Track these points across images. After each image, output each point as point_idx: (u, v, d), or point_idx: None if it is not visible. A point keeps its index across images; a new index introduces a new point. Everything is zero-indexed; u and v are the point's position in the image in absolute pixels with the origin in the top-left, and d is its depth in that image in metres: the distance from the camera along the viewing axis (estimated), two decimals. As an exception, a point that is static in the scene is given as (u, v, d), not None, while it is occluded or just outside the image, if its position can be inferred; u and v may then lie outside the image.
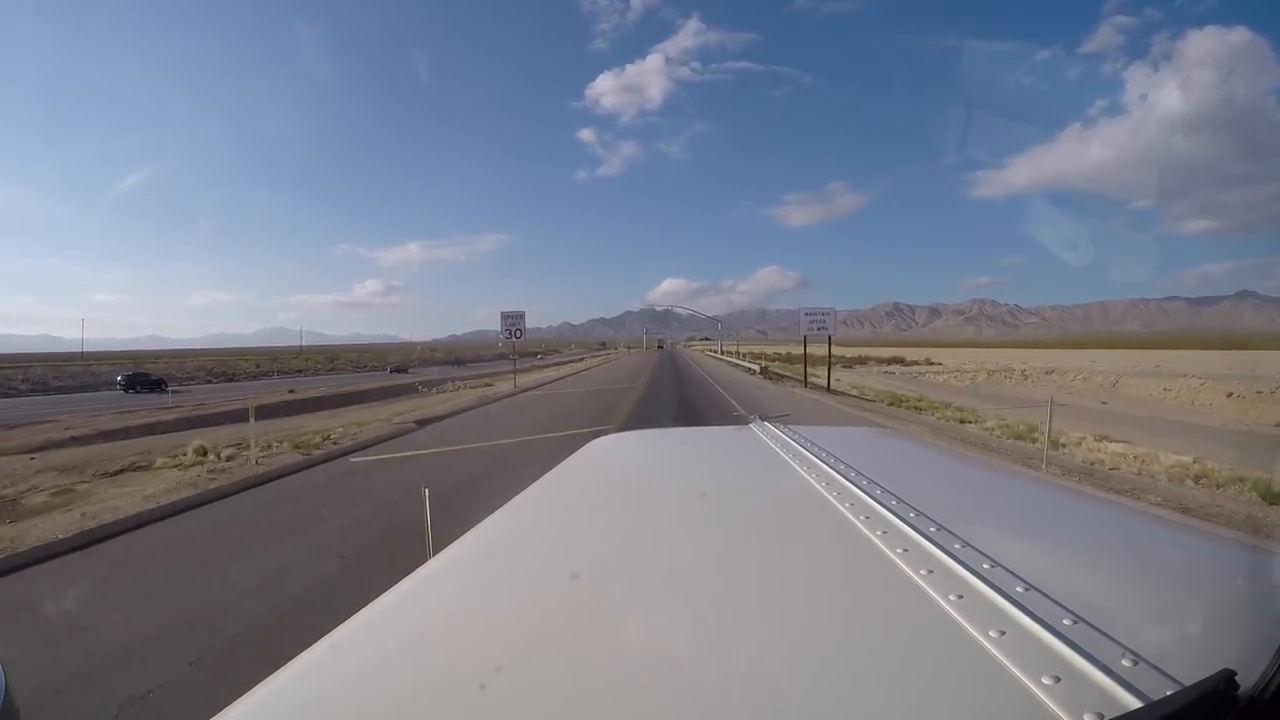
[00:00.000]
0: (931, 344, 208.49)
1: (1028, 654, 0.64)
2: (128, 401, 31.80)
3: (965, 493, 1.52)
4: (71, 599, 4.53)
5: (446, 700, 0.66)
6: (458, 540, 1.15)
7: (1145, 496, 7.49)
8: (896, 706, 0.63)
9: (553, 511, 1.42)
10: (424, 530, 1.53)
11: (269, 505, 7.28)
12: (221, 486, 7.79)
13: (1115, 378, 45.36)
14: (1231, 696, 0.55)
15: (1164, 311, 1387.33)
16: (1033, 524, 1.24)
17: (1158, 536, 1.19)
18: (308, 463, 9.49)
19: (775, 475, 1.52)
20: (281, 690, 0.71)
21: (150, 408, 25.66)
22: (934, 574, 0.83)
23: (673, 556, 1.05)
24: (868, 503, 1.14)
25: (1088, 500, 1.70)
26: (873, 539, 0.98)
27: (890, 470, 1.52)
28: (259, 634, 3.73)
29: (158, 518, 6.55)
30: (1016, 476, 2.20)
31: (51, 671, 3.31)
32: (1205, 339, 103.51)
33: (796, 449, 1.66)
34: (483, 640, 0.79)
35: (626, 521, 1.29)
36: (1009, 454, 10.51)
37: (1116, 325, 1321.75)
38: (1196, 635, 0.78)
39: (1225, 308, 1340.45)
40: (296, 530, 6.11)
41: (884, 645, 0.73)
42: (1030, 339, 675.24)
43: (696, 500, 1.41)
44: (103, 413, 23.58)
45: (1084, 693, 0.58)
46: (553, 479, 1.61)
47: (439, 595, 0.96)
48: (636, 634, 0.82)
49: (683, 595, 0.90)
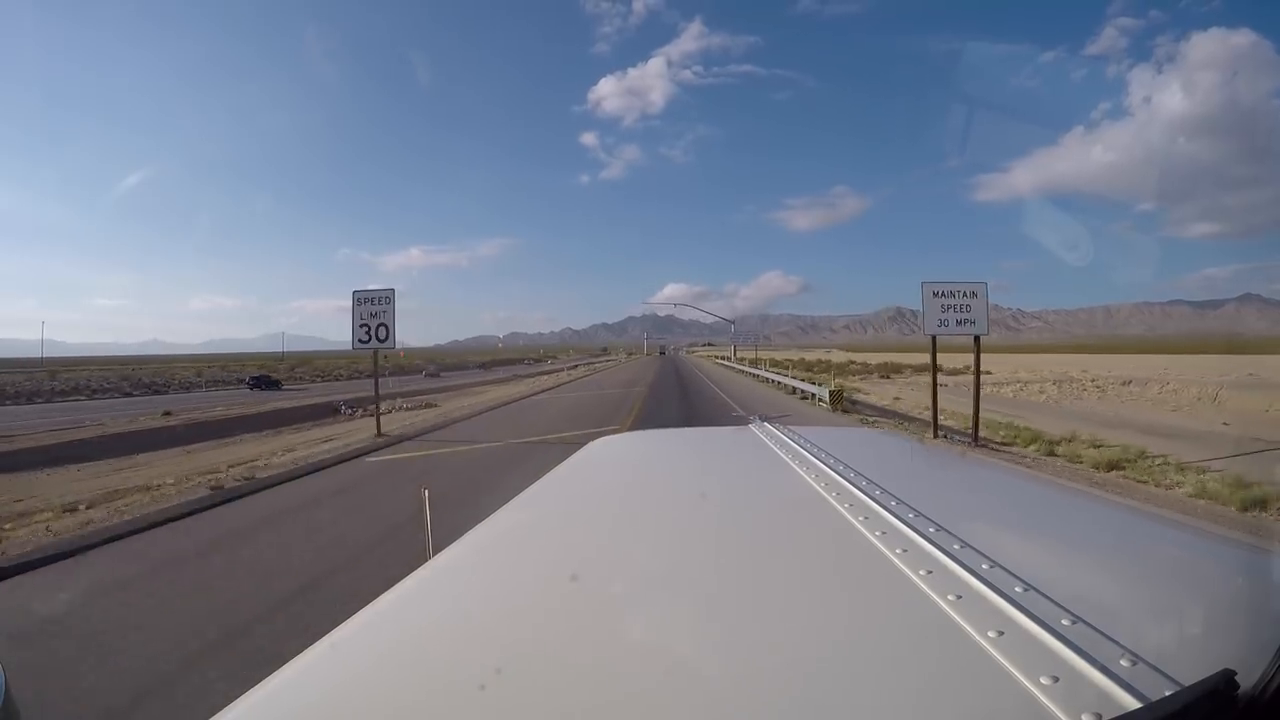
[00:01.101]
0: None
1: (1027, 654, 0.64)
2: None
3: (964, 493, 1.53)
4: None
5: (446, 700, 0.66)
6: (458, 540, 1.15)
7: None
8: (896, 706, 0.63)
9: (553, 511, 1.42)
10: (424, 530, 1.46)
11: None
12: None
13: (1213, 390, 36.31)
14: (1231, 696, 0.55)
15: (1167, 315, 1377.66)
16: (1032, 524, 1.25)
17: (1158, 536, 1.21)
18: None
19: (775, 475, 1.52)
20: (281, 690, 0.71)
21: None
22: (933, 574, 0.83)
23: (673, 557, 1.06)
24: (867, 503, 1.14)
25: (1087, 500, 1.75)
26: (872, 539, 0.98)
27: (890, 470, 1.52)
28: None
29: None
30: (1016, 476, 2.22)
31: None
32: (1209, 343, 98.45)
33: (796, 449, 1.66)
34: (482, 640, 0.79)
35: (627, 521, 1.29)
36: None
37: (1120, 329, 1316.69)
38: (1196, 635, 0.78)
39: (1229, 311, 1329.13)
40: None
41: (883, 645, 0.73)
42: (1033, 343, 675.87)
43: (697, 500, 1.42)
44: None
45: (1083, 693, 0.58)
46: (553, 479, 1.61)
47: (439, 595, 0.97)
48: (637, 634, 0.82)
49: (683, 595, 0.90)
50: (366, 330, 14.35)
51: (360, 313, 14.47)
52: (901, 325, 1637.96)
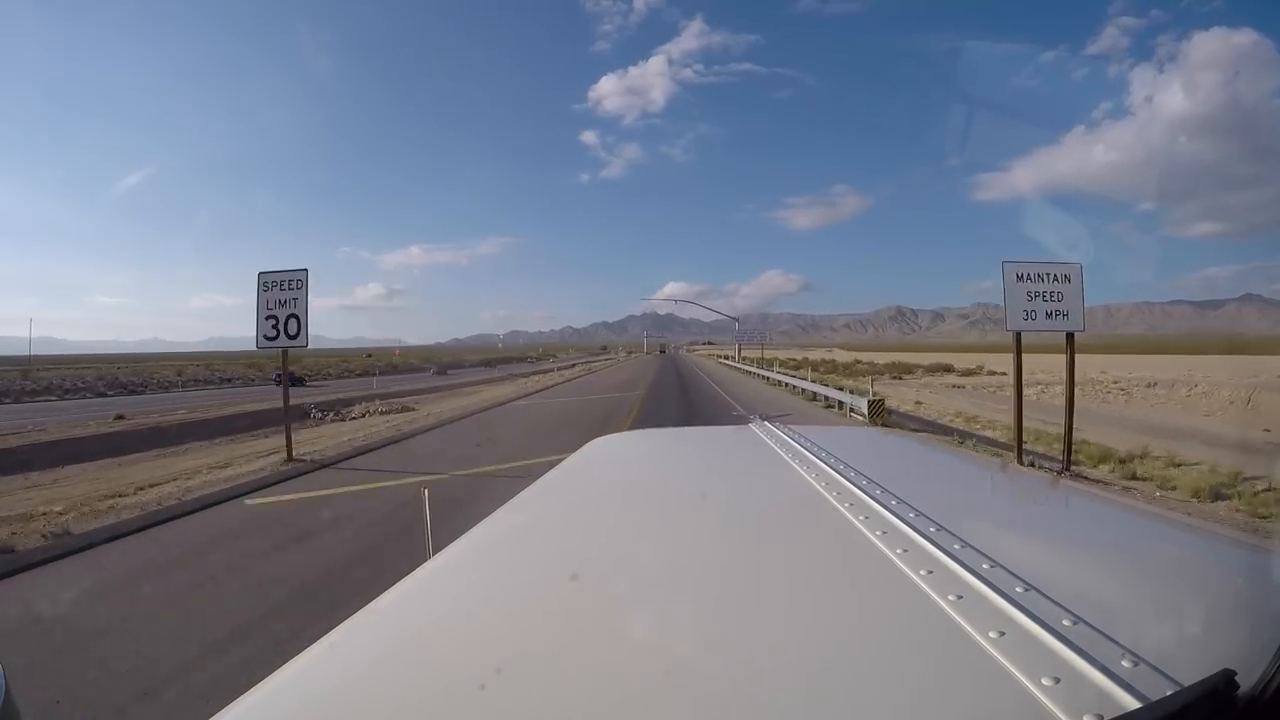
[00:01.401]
0: (936, 348, 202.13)
1: (1027, 654, 0.64)
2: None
3: (965, 493, 1.53)
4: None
5: (446, 700, 0.66)
6: (458, 540, 1.14)
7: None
8: (896, 706, 0.62)
9: (553, 511, 1.41)
10: (424, 530, 1.44)
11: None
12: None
13: (1246, 393, 34.17)
14: (1231, 696, 0.55)
15: (1168, 315, 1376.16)
16: (1032, 524, 1.25)
17: (1158, 536, 1.21)
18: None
19: (775, 475, 1.52)
20: (281, 690, 0.71)
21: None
22: (934, 574, 0.83)
23: (673, 556, 1.05)
24: (867, 503, 1.14)
25: (1087, 500, 1.72)
26: (872, 539, 0.98)
27: (890, 470, 1.52)
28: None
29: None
30: (1016, 476, 2.24)
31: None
32: (1209, 343, 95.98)
33: (796, 449, 1.66)
34: (482, 640, 0.79)
35: (627, 521, 1.29)
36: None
37: (1120, 329, 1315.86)
38: (1196, 635, 0.78)
39: (1230, 311, 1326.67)
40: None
41: (884, 645, 0.73)
42: (1034, 343, 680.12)
43: (697, 500, 1.42)
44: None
45: (1084, 693, 0.58)
46: (553, 478, 1.60)
47: (439, 595, 0.97)
48: (637, 634, 0.81)
49: (683, 595, 0.90)
50: (274, 324, 10.90)
51: (267, 300, 10.96)
52: (902, 325, 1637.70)
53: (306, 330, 11.06)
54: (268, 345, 11.08)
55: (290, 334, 10.96)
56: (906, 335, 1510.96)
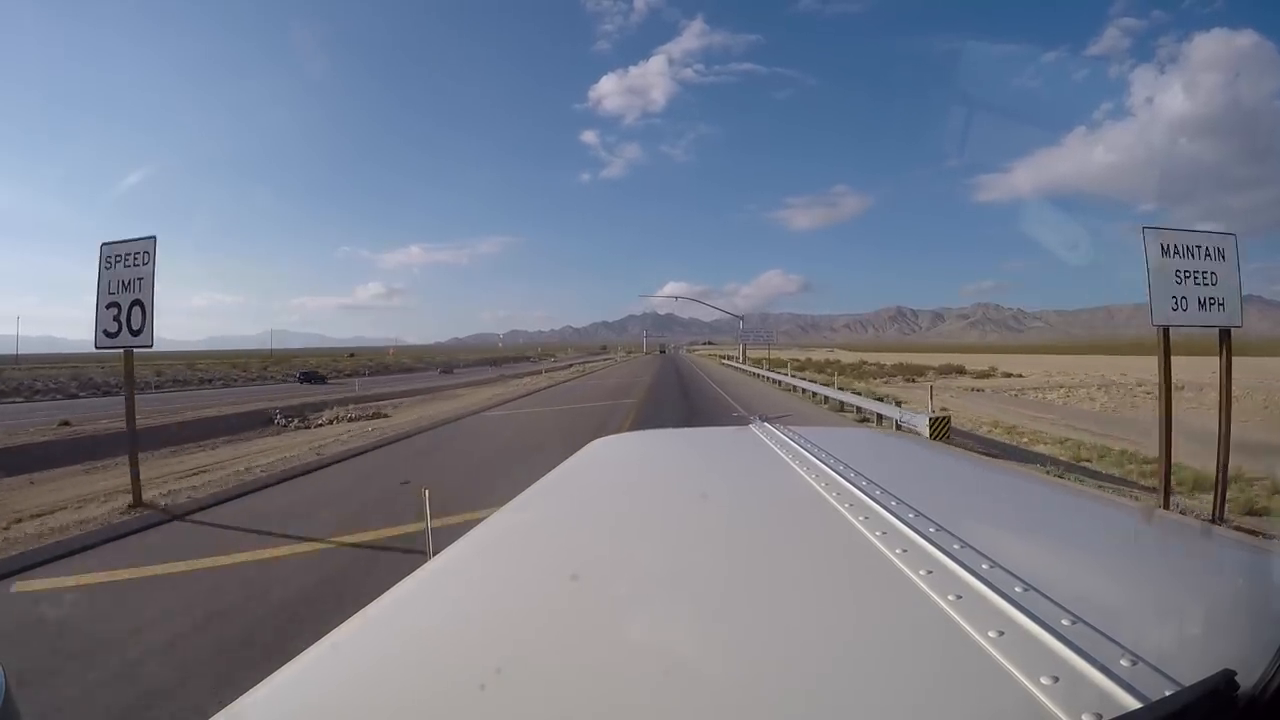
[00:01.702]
0: (937, 349, 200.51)
1: (1027, 654, 0.64)
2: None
3: (965, 493, 1.53)
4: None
5: (446, 701, 0.66)
6: (458, 540, 1.14)
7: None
8: (896, 706, 0.62)
9: (553, 511, 1.41)
10: (424, 530, 1.45)
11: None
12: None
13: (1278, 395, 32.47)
14: (1231, 697, 0.55)
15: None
16: (1032, 524, 1.25)
17: (1158, 536, 1.21)
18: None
19: (775, 476, 1.51)
20: (281, 690, 0.71)
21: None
22: (933, 574, 0.83)
23: (673, 557, 1.05)
24: (867, 503, 1.14)
25: (1087, 500, 1.71)
26: (872, 539, 0.98)
27: (890, 470, 1.51)
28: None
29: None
30: (1016, 476, 2.20)
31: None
32: (1208, 344, 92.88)
33: (796, 450, 1.65)
34: (482, 641, 0.79)
35: (627, 522, 1.29)
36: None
37: (1120, 330, 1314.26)
38: (1196, 635, 0.78)
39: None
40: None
41: (883, 645, 0.73)
42: (1034, 343, 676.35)
43: (697, 501, 1.41)
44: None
45: (1083, 693, 0.58)
46: (553, 479, 1.60)
47: (439, 595, 0.96)
48: (637, 635, 0.81)
49: (683, 596, 0.90)
50: (116, 314, 8.02)
51: (109, 281, 8.10)
52: (902, 325, 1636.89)
53: (152, 324, 8.05)
54: (108, 344, 8.12)
55: (133, 328, 7.98)
56: (906, 335, 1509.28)
